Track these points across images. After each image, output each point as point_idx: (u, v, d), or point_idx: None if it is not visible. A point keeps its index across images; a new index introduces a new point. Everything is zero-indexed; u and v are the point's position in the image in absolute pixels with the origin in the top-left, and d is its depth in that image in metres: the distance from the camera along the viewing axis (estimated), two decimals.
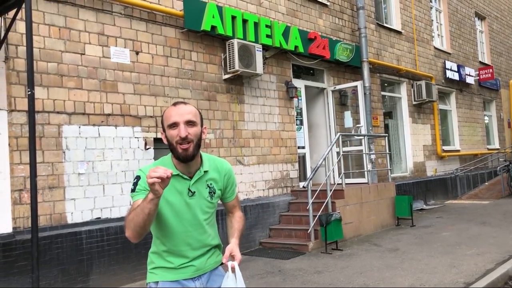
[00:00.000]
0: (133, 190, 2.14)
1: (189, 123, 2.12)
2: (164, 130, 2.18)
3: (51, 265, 5.29)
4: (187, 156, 2.13)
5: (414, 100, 12.74)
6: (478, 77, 16.22)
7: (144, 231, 2.04)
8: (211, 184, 2.28)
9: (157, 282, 2.22)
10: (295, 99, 9.29)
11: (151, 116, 6.58)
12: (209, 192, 2.26)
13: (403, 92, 12.70)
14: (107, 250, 5.84)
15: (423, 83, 12.54)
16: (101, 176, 5.94)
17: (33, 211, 4.22)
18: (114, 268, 5.87)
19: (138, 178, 2.15)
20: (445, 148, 14.23)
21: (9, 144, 5.15)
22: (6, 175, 5.07)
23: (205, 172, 2.25)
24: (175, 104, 2.19)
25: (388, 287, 5.21)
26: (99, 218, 5.87)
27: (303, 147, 9.57)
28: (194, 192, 2.21)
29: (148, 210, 1.94)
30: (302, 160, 9.54)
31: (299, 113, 9.55)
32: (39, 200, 4.97)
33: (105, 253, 5.82)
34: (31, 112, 4.27)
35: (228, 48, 7.56)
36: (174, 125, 2.11)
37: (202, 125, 2.21)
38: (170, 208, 2.18)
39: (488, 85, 17.02)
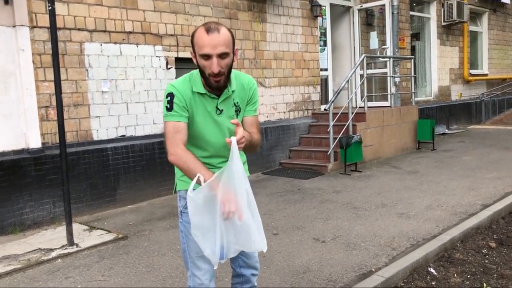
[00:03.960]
0: (169, 109, 2.13)
1: (222, 55, 2.05)
2: (194, 51, 2.12)
3: (79, 179, 5.53)
4: (219, 87, 2.15)
5: (444, 21, 12.15)
6: None
7: None
8: (237, 103, 2.28)
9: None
10: (319, 18, 8.96)
11: (172, 35, 6.47)
12: (235, 111, 2.28)
13: (432, 12, 12.11)
14: (133, 166, 6.04)
15: (454, 2, 11.86)
16: (124, 94, 5.99)
17: (60, 127, 4.34)
18: (140, 183, 6.11)
19: (172, 96, 2.14)
20: (472, 72, 13.78)
21: (33, 61, 5.18)
22: (32, 92, 5.15)
23: (232, 91, 2.24)
24: (207, 30, 2.04)
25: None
26: (124, 135, 6.01)
27: (326, 69, 9.38)
28: (222, 110, 2.22)
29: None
30: (324, 82, 9.40)
31: (323, 34, 9.25)
32: (65, 117, 5.07)
33: (131, 169, 6.03)
34: (53, 28, 4.23)
35: None
36: (207, 56, 2.04)
37: (234, 49, 2.14)
38: (200, 127, 2.21)
39: None
